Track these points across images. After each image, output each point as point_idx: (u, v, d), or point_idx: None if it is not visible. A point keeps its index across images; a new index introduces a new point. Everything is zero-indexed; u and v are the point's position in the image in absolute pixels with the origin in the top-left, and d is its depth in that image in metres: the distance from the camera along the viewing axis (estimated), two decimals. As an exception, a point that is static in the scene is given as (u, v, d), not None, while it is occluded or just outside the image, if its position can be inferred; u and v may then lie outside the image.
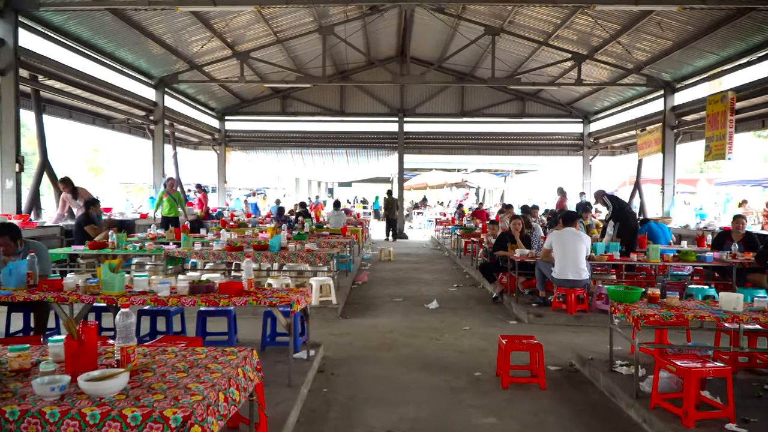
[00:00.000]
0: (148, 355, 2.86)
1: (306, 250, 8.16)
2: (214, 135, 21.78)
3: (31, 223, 9.62)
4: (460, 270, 12.75)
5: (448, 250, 16.73)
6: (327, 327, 6.98)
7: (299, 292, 4.71)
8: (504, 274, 8.99)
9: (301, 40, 16.80)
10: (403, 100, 21.74)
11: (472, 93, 21.65)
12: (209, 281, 4.70)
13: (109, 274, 4.47)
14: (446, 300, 8.93)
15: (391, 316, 7.77)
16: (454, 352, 5.96)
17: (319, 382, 4.91)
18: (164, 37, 13.65)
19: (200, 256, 8.10)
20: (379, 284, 10.57)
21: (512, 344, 4.85)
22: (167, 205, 12.80)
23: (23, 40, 10.44)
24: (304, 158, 22.95)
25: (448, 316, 7.77)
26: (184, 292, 4.52)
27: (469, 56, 18.41)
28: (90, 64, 13.17)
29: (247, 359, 2.86)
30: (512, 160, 30.54)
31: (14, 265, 4.70)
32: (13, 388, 2.32)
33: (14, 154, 10.03)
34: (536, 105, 21.64)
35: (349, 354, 5.82)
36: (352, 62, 20.09)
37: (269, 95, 21.61)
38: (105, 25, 12.11)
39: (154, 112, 16.31)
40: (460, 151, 23.49)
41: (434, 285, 10.56)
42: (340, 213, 15.09)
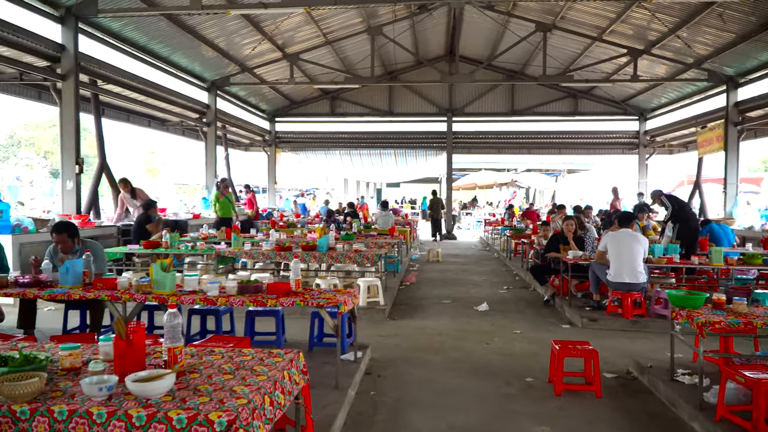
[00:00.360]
0: (196, 356, 2.86)
1: (354, 250, 8.15)
2: (265, 136, 22.12)
3: (89, 223, 9.95)
4: (509, 272, 12.51)
5: (498, 251, 16.46)
6: (374, 328, 6.93)
7: (347, 293, 4.66)
8: (556, 276, 8.74)
9: (349, 41, 16.87)
10: (452, 99, 21.53)
11: (523, 91, 21.25)
12: (258, 281, 4.71)
13: (161, 274, 4.54)
14: (496, 302, 8.75)
15: (439, 318, 7.66)
16: (504, 356, 5.81)
17: (366, 384, 4.86)
18: (217, 41, 13.93)
19: (250, 255, 8.18)
20: (427, 285, 10.47)
21: (566, 350, 4.67)
22: (222, 206, 13.04)
23: (83, 46, 10.82)
24: (353, 159, 23.03)
25: (497, 319, 7.60)
26: (233, 292, 4.54)
27: (519, 54, 18.08)
28: (146, 69, 13.57)
29: (293, 362, 2.82)
30: (564, 160, 29.88)
31: (71, 263, 4.83)
32: (63, 386, 2.35)
33: (75, 156, 10.40)
34: (589, 102, 21.07)
35: (397, 356, 5.74)
36: (400, 62, 20.04)
37: (318, 96, 21.78)
38: (160, 30, 12.45)
39: (206, 115, 16.68)
40: (510, 151, 23.08)
41: (483, 287, 10.38)
42: (388, 213, 15.05)
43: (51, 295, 4.59)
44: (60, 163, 10.60)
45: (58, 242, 5.37)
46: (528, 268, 11.40)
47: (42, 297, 4.61)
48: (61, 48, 10.31)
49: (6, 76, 10.74)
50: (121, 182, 11.69)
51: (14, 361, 2.41)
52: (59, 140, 10.54)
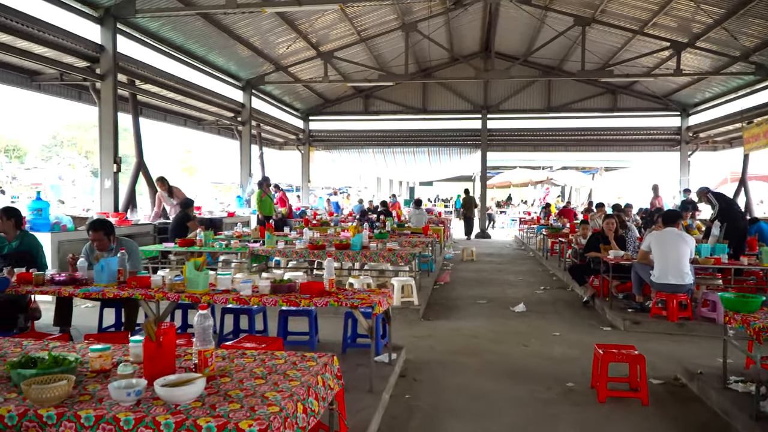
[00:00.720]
0: (227, 359, 2.77)
1: (387, 249, 8.04)
2: (299, 135, 22.18)
3: (126, 221, 10.07)
4: (546, 271, 12.23)
5: (533, 250, 16.15)
6: (408, 328, 6.80)
7: (381, 294, 4.55)
8: (595, 276, 8.47)
9: (383, 39, 16.76)
10: (487, 96, 21.23)
11: (560, 87, 20.82)
12: (291, 281, 4.64)
13: (194, 272, 4.50)
14: (533, 303, 8.53)
15: (474, 318, 7.49)
16: (543, 359, 5.61)
17: (400, 387, 4.74)
18: (252, 40, 13.98)
19: (283, 254, 8.14)
20: (461, 285, 10.29)
21: (610, 355, 4.46)
22: (265, 205, 13.10)
23: (122, 46, 10.96)
24: (386, 157, 22.93)
25: (535, 321, 7.39)
26: (266, 291, 4.47)
27: (556, 49, 17.69)
28: (182, 68, 13.72)
29: (327, 366, 2.71)
30: (601, 157, 29.29)
31: (106, 261, 4.84)
32: (91, 390, 2.29)
33: (113, 155, 10.54)
34: (629, 98, 20.52)
35: (432, 358, 5.60)
36: (434, 59, 19.83)
37: (352, 95, 21.74)
38: (196, 30, 12.54)
39: (241, 113, 16.79)
40: (546, 148, 22.63)
41: (520, 287, 10.15)
42: (421, 212, 14.89)
43: (86, 294, 4.59)
44: (99, 161, 10.76)
45: (94, 240, 5.40)
46: (566, 268, 11.12)
47: (77, 295, 4.62)
48: (100, 48, 10.46)
49: (47, 76, 10.95)
50: (158, 181, 11.80)
51: (43, 362, 2.37)
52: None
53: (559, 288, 10.05)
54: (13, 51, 9.25)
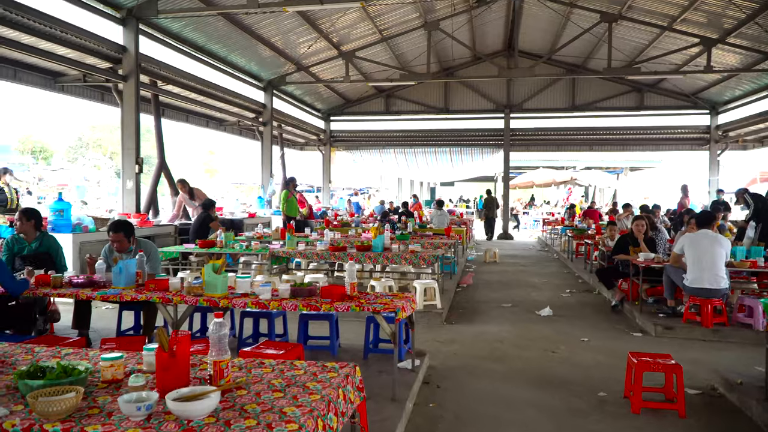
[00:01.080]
0: (244, 368, 2.64)
1: (410, 251, 7.88)
2: (320, 135, 22.13)
3: (148, 222, 10.06)
4: (571, 274, 11.95)
5: (558, 252, 15.84)
6: (431, 333, 6.63)
7: (404, 298, 4.39)
8: (624, 279, 8.22)
9: (405, 38, 16.60)
10: (510, 95, 20.94)
11: (584, 86, 20.44)
12: (312, 284, 4.51)
13: (212, 275, 4.39)
14: (559, 307, 8.29)
15: (499, 323, 7.29)
16: (572, 367, 5.40)
17: (424, 395, 4.58)
18: (273, 40, 13.93)
19: (304, 256, 8.03)
20: (485, 287, 10.09)
21: (645, 364, 4.25)
22: (291, 206, 13.05)
23: (144, 47, 10.97)
24: (407, 157, 22.77)
25: (562, 326, 7.17)
26: (286, 295, 4.34)
27: (581, 47, 17.37)
28: (204, 69, 13.73)
29: (348, 378, 2.57)
30: (627, 157, 28.81)
31: (124, 264, 4.76)
32: (101, 402, 2.17)
33: (134, 156, 10.55)
34: (656, 96, 20.07)
35: (456, 364, 5.43)
36: (456, 58, 19.62)
37: (373, 95, 21.62)
38: (218, 31, 12.52)
39: (263, 114, 16.77)
40: (570, 148, 22.25)
41: (545, 290, 9.91)
42: (443, 213, 14.69)
43: (103, 297, 4.51)
44: (120, 162, 10.78)
45: (114, 241, 5.33)
46: (592, 270, 10.85)
47: (94, 298, 4.54)
48: (122, 49, 10.48)
49: (70, 78, 10.99)
50: (179, 182, 11.80)
51: (52, 372, 2.26)
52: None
53: (586, 291, 9.79)
54: (36, 52, 9.30)
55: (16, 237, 5.70)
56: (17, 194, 9.78)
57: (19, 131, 47.90)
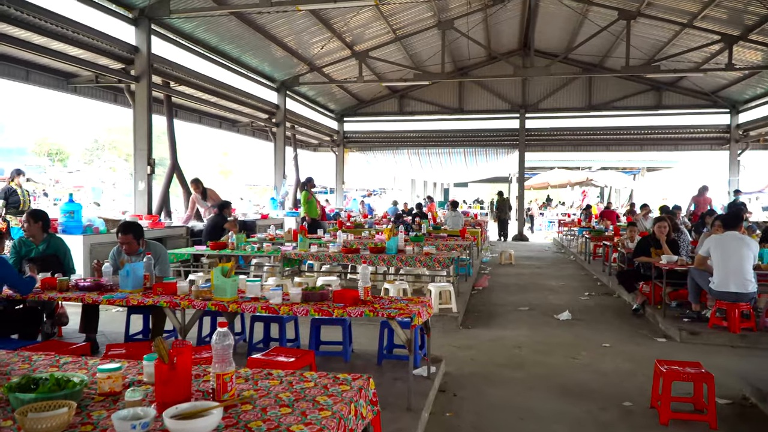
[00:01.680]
0: (250, 380, 2.48)
1: (424, 253, 7.70)
2: (333, 136, 22.01)
3: (159, 224, 9.97)
4: (589, 276, 11.69)
5: (574, 253, 15.56)
6: (447, 337, 6.44)
7: (420, 303, 4.22)
8: (645, 282, 7.97)
9: (419, 37, 16.43)
10: (525, 95, 20.68)
11: (601, 85, 20.13)
12: (323, 288, 4.35)
13: (221, 279, 4.25)
14: (578, 311, 8.06)
15: (517, 327, 7.08)
16: (595, 374, 5.19)
17: (440, 404, 4.39)
18: (286, 40, 13.82)
19: (316, 258, 7.88)
20: (501, 290, 9.87)
21: (674, 373, 4.03)
22: (312, 207, 12.92)
23: (156, 47, 10.91)
24: (421, 158, 22.58)
25: (582, 330, 6.94)
26: (297, 299, 4.19)
27: (598, 45, 17.09)
28: (217, 69, 13.65)
29: (362, 391, 2.39)
30: (644, 157, 28.40)
31: (131, 266, 4.63)
32: (96, 418, 2.02)
33: (147, 157, 10.48)
34: (675, 95, 19.70)
35: (473, 371, 5.24)
36: (471, 58, 19.41)
37: (387, 95, 21.46)
38: (231, 31, 12.43)
39: (276, 115, 16.68)
40: (586, 148, 21.93)
41: (562, 293, 9.68)
42: (457, 214, 14.48)
43: (109, 300, 4.38)
44: (133, 163, 10.71)
45: (123, 243, 5.21)
46: (611, 272, 10.60)
47: (100, 302, 4.41)
48: (134, 50, 10.41)
49: (83, 78, 10.95)
50: (192, 183, 11.68)
51: (45, 384, 2.11)
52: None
53: (605, 294, 9.54)
54: (48, 53, 9.25)
55: (23, 239, 5.60)
56: (30, 196, 9.72)
57: (35, 133, 48.36)
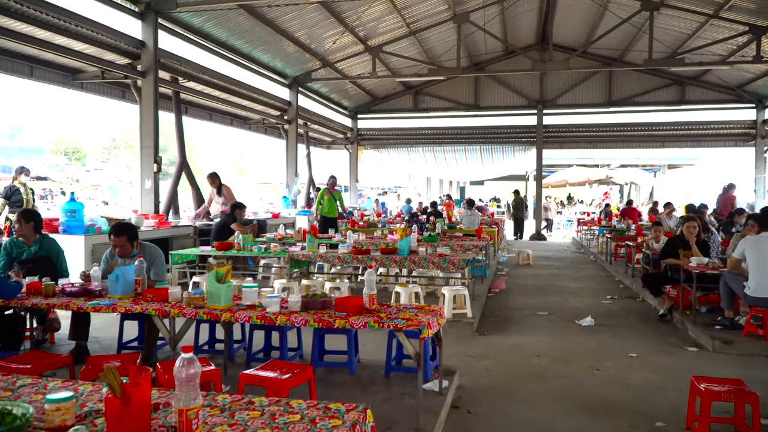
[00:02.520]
0: (227, 411, 2.12)
1: (438, 254, 7.32)
2: (347, 134, 21.69)
3: (166, 223, 9.70)
4: (611, 278, 11.23)
5: (594, 254, 15.07)
6: (461, 345, 6.06)
7: (431, 312, 3.85)
8: (673, 286, 7.52)
9: (434, 31, 16.02)
10: (543, 90, 20.16)
11: (622, 79, 19.55)
12: (325, 295, 4.00)
13: (215, 285, 3.92)
14: (601, 315, 7.63)
15: (536, 333, 6.68)
16: (622, 389, 4.77)
17: (453, 422, 4.02)
18: (297, 35, 13.50)
19: (325, 259, 7.54)
20: (518, 293, 9.46)
21: (714, 393, 3.62)
22: (327, 205, 12.59)
23: (164, 42, 10.64)
24: (436, 156, 22.18)
25: (606, 337, 6.52)
26: (296, 307, 3.84)
27: (618, 38, 16.55)
28: (227, 65, 13.37)
29: (356, 427, 2.03)
30: (665, 154, 27.66)
31: (121, 270, 4.32)
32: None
33: (153, 154, 10.21)
34: (698, 90, 19.06)
35: (489, 384, 4.86)
36: (487, 53, 18.95)
37: (401, 91, 21.07)
38: (240, 25, 12.14)
39: (287, 112, 16.38)
40: (605, 145, 21.30)
41: (583, 296, 9.24)
42: (473, 213, 14.03)
43: (95, 308, 4.07)
44: (139, 161, 10.45)
45: (115, 245, 4.91)
46: (634, 274, 10.15)
47: (86, 309, 4.10)
48: (140, 44, 10.15)
49: (89, 74, 10.71)
50: (209, 177, 11.21)
51: (-22, 420, 1.78)
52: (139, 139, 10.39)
53: (629, 297, 9.08)
54: (51, 48, 9.00)
55: (14, 240, 5.33)
56: (33, 195, 9.50)
57: (53, 132, 48.70)
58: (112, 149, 51.13)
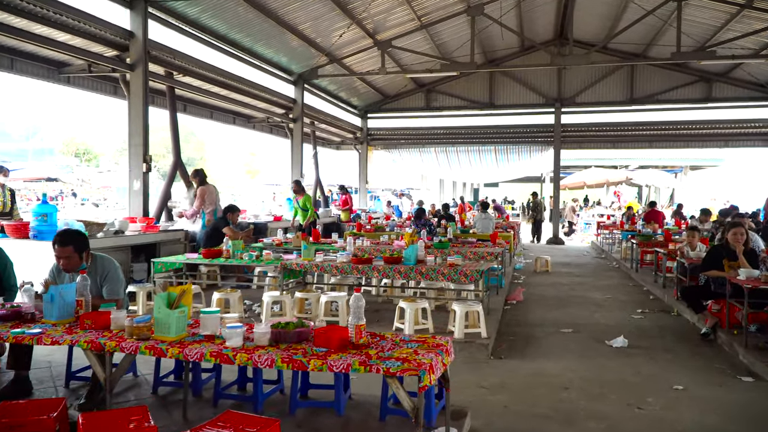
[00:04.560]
0: None
1: (448, 264, 6.49)
2: (356, 134, 20.91)
3: (154, 227, 8.93)
4: (638, 287, 10.30)
5: (617, 260, 14.12)
6: (474, 372, 5.22)
7: (435, 348, 3.02)
8: (716, 301, 6.63)
9: (446, 25, 15.18)
10: (561, 88, 19.21)
11: (645, 76, 18.55)
12: (303, 324, 3.18)
13: (164, 311, 3.12)
14: (633, 334, 6.73)
15: (560, 357, 5.81)
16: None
17: (464, 484, 3.19)
18: (301, 28, 12.74)
19: (321, 269, 6.73)
20: (537, 305, 8.58)
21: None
22: (296, 211, 11.81)
23: (156, 33, 9.93)
24: (449, 156, 21.34)
25: (643, 363, 5.62)
26: (263, 341, 3.03)
27: (642, 32, 15.66)
28: (227, 60, 12.66)
29: None
30: (687, 154, 26.70)
31: (57, 290, 3.53)
32: None
33: (142, 153, 9.49)
34: (726, 87, 18.03)
35: (507, 426, 4.01)
36: (502, 48, 18.08)
37: (413, 89, 20.24)
38: (240, 17, 11.42)
39: (293, 110, 15.63)
40: (627, 145, 20.31)
41: (610, 309, 8.35)
42: (488, 216, 13.10)
43: (17, 338, 3.28)
44: (128, 161, 9.72)
45: (59, 257, 4.11)
46: (665, 284, 9.24)
47: (5, 339, 3.31)
48: (129, 35, 9.42)
49: (75, 68, 9.99)
50: (191, 173, 10.35)
51: None
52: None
53: (662, 311, 8.16)
54: (31, 38, 8.28)
55: (-48, 250, 4.58)
56: (12, 195, 8.80)
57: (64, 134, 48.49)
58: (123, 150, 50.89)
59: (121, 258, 8.05)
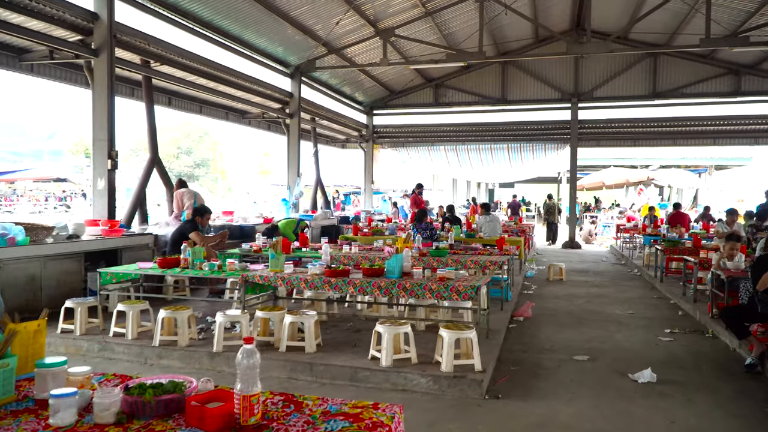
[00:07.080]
0: None
1: (438, 278, 5.42)
2: (362, 131, 19.88)
3: (117, 231, 7.97)
4: (665, 301, 9.13)
5: (639, 266, 12.92)
6: (462, 418, 4.14)
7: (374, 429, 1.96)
8: (761, 324, 5.49)
9: (453, 12, 14.08)
10: (578, 82, 18.00)
11: (668, 68, 17.28)
12: (178, 388, 2.13)
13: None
14: (663, 363, 5.58)
15: (573, 398, 4.69)
16: None
17: None
18: (294, 14, 11.76)
19: (288, 282, 5.69)
20: (548, 323, 7.45)
21: None
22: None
23: (126, 16, 8.98)
24: (459, 155, 20.20)
25: (677, 407, 4.49)
26: (106, 418, 1.99)
27: (665, 20, 14.45)
28: (215, 50, 11.71)
29: None
30: (711, 153, 25.30)
31: None
32: None
33: (107, 148, 8.52)
34: (756, 80, 16.72)
35: None
36: (516, 39, 16.93)
37: (420, 84, 19.16)
38: (225, 1, 10.45)
39: (289, 104, 14.63)
40: (649, 142, 19.02)
41: (633, 328, 7.20)
42: (493, 218, 11.87)
43: None
44: (92, 157, 8.77)
45: None
46: (696, 298, 8.07)
47: None
48: (93, 17, 8.46)
49: (36, 55, 9.06)
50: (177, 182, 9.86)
51: None
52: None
53: (694, 332, 6.98)
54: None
55: None
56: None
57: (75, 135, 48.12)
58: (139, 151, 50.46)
59: (72, 267, 7.11)
